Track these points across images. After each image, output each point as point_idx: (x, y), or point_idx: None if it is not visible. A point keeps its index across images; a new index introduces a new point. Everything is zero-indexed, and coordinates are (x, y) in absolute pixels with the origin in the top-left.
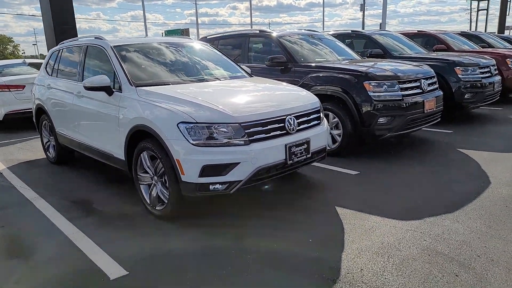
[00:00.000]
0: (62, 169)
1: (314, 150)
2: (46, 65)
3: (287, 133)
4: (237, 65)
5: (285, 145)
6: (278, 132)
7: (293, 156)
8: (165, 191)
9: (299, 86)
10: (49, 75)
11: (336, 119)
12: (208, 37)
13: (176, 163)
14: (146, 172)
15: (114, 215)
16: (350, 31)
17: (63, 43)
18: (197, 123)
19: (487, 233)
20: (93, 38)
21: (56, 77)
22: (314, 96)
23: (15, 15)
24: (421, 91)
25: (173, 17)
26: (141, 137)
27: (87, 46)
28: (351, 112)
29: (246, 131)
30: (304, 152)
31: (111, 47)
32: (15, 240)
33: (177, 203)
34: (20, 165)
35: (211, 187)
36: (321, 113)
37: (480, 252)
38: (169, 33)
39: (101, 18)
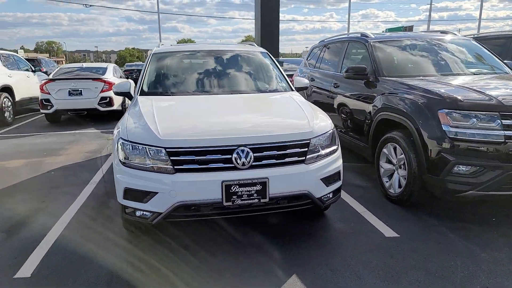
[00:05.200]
0: None
1: (280, 195)
2: None
3: (234, 168)
4: (285, 78)
5: (222, 182)
6: (220, 165)
7: (234, 197)
8: None
9: (373, 105)
10: None
11: (403, 155)
12: (325, 40)
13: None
14: None
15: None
16: None
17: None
18: (128, 141)
19: None
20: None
21: None
22: (314, 123)
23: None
24: None
25: (407, 14)
26: None
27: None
28: (417, 150)
29: (171, 158)
30: (256, 195)
31: (152, 54)
32: (32, 216)
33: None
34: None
35: (137, 212)
36: (309, 148)
37: None
38: (389, 30)
39: (333, 18)
